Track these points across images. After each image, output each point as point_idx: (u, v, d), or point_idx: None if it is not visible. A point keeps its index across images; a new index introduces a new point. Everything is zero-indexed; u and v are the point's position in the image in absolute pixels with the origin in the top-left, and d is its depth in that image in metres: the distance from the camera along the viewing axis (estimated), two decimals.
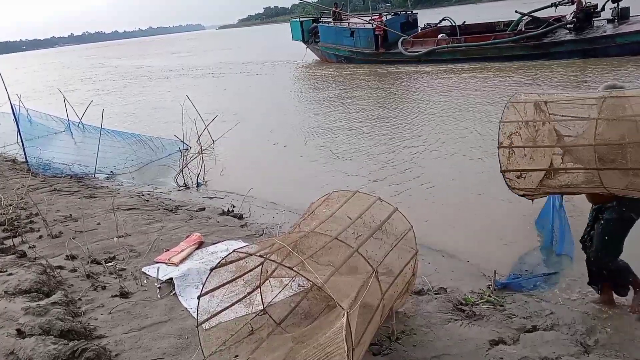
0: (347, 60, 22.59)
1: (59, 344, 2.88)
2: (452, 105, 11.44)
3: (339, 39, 22.63)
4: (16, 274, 3.93)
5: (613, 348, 2.99)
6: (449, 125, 9.64)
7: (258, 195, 6.83)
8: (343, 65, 22.47)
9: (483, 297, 3.62)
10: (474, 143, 8.11)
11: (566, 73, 13.91)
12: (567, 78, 13.23)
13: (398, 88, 15.56)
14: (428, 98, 12.77)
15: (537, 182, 3.45)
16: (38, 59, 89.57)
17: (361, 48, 21.54)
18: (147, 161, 9.30)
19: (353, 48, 21.96)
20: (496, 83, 13.61)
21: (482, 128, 8.88)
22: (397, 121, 10.68)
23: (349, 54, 22.36)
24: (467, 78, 15.16)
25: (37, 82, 31.88)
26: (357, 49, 21.77)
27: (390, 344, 3.00)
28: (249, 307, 3.06)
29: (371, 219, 3.10)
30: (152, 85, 23.99)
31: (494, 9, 25.41)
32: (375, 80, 17.88)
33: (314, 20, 24.88)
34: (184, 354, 3.01)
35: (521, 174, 3.44)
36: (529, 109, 3.44)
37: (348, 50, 22.31)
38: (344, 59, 22.86)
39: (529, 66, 15.45)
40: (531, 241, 4.73)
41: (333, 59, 23.57)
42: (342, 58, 22.96)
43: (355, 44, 21.75)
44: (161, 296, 3.80)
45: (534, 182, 3.45)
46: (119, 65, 42.46)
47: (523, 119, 3.40)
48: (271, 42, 45.17)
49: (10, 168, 9.06)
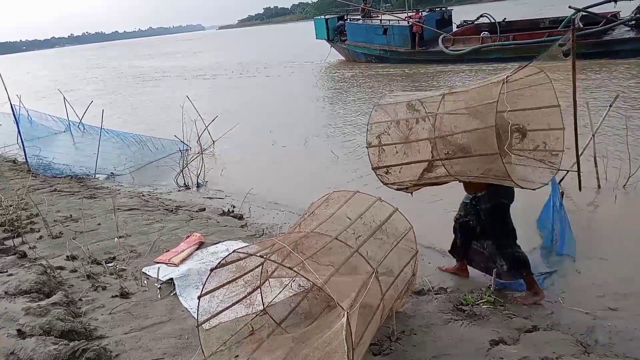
0: (378, 59, 21.21)
1: (60, 344, 2.88)
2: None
3: (369, 37, 21.18)
4: (16, 274, 3.93)
5: (613, 348, 2.99)
6: None
7: (258, 196, 6.84)
8: (373, 65, 21.13)
9: (483, 297, 3.62)
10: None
11: (638, 73, 12.84)
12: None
13: (443, 88, 14.62)
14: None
15: (418, 175, 3.65)
16: (38, 59, 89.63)
17: (395, 46, 20.19)
18: (147, 162, 9.30)
19: (386, 46, 20.57)
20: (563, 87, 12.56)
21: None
22: None
23: (380, 52, 20.96)
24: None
25: (37, 83, 31.90)
26: (390, 48, 20.41)
27: (391, 344, 3.00)
28: (249, 308, 3.06)
29: (371, 219, 3.10)
30: (153, 86, 24.00)
31: (496, 9, 25.12)
32: (411, 80, 16.63)
33: (340, 18, 23.50)
34: (184, 354, 3.01)
35: (387, 170, 3.67)
36: (401, 110, 3.63)
37: (380, 48, 20.87)
38: (374, 58, 21.47)
39: (590, 65, 13.99)
40: (531, 241, 4.72)
41: (362, 59, 22.21)
42: (372, 57, 21.57)
43: (388, 42, 20.37)
44: (161, 296, 3.80)
45: (416, 175, 3.65)
46: (118, 65, 42.49)
47: (393, 119, 3.61)
48: (284, 41, 44.46)
49: (11, 168, 9.06)
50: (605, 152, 6.16)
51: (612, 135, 7.45)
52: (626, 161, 5.87)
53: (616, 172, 5.77)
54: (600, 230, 4.87)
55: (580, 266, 4.15)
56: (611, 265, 4.16)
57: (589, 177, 5.87)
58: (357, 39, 21.92)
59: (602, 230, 4.86)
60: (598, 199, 5.58)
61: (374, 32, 21.00)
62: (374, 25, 21.22)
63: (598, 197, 5.60)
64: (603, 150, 6.17)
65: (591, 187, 5.77)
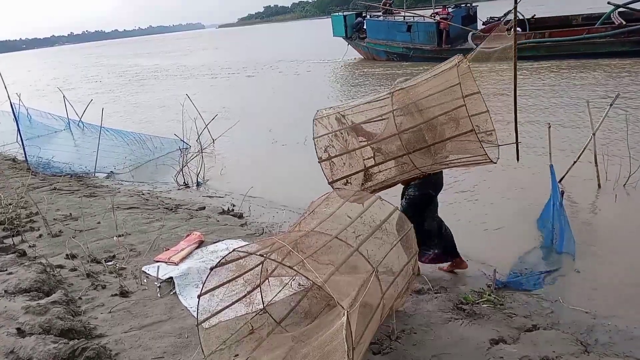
0: (401, 57, 20.22)
1: (59, 343, 2.88)
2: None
3: (391, 35, 20.28)
4: (16, 273, 3.93)
5: (613, 347, 2.99)
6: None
7: (258, 194, 6.83)
8: (394, 63, 20.18)
9: (483, 296, 3.62)
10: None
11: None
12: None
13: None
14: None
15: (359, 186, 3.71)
16: (38, 57, 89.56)
17: (419, 44, 19.30)
18: (147, 160, 9.30)
19: (409, 44, 19.64)
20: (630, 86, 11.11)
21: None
22: None
23: (403, 50, 20.00)
24: (567, 77, 13.11)
25: (36, 81, 31.89)
26: (414, 45, 19.45)
27: (391, 343, 3.00)
28: (249, 306, 3.06)
29: (371, 219, 3.09)
30: (153, 84, 23.99)
31: (509, 6, 24.59)
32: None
33: (358, 15, 22.59)
34: (184, 353, 3.01)
35: (347, 181, 3.69)
36: (333, 122, 3.70)
37: (403, 46, 19.93)
38: (396, 56, 20.47)
39: (636, 64, 13.49)
40: (531, 240, 4.73)
41: (382, 57, 21.21)
42: (394, 55, 20.55)
43: (412, 39, 19.46)
44: (161, 295, 3.80)
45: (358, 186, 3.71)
46: (118, 64, 42.46)
47: (331, 131, 3.67)
48: (294, 39, 43.86)
49: (10, 167, 9.05)
50: (605, 151, 6.17)
51: (613, 135, 7.45)
52: (627, 160, 5.87)
53: (616, 171, 5.77)
54: (601, 230, 4.87)
55: (580, 265, 4.15)
56: (611, 264, 4.16)
57: (589, 176, 5.87)
58: (378, 37, 21.02)
59: (603, 230, 4.86)
60: (598, 198, 5.58)
61: (396, 29, 20.15)
62: (396, 22, 20.42)
63: (598, 196, 5.60)
64: (604, 149, 6.18)
65: (591, 186, 5.77)
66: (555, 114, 9.59)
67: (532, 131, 8.38)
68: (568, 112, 9.54)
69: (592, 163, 5.75)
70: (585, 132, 7.36)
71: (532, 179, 6.22)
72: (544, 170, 5.18)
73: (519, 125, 5.87)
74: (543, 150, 6.82)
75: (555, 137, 5.75)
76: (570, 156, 6.21)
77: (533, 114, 9.70)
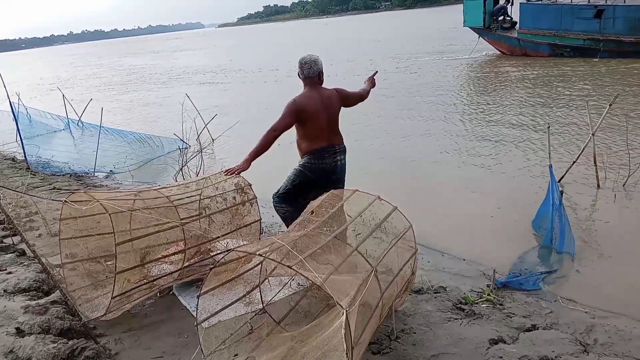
0: (578, 52, 16.11)
1: (59, 342, 2.87)
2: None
3: (565, 22, 16.11)
4: (15, 272, 3.92)
5: (612, 347, 2.99)
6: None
7: (257, 194, 6.81)
8: (563, 60, 16.05)
9: (482, 296, 3.62)
10: (474, 141, 8.11)
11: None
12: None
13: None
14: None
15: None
16: (37, 57, 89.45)
17: (615, 35, 15.05)
18: (147, 160, 9.28)
19: (598, 34, 15.37)
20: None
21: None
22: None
23: (586, 43, 15.75)
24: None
25: (36, 81, 31.84)
26: (605, 36, 15.24)
27: (390, 343, 3.00)
28: (248, 306, 3.06)
29: (371, 218, 3.09)
30: (153, 83, 23.96)
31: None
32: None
33: (497, 1, 18.81)
34: (183, 353, 3.01)
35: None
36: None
37: (586, 37, 15.72)
38: (569, 50, 16.38)
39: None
40: (531, 239, 4.73)
41: (544, 52, 17.01)
42: (566, 49, 16.42)
43: (601, 29, 15.29)
44: (161, 295, 3.80)
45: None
46: (118, 63, 42.41)
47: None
48: (347, 35, 41.03)
49: (10, 166, 9.03)
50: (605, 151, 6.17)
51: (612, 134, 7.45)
52: (626, 160, 5.87)
53: (616, 171, 5.77)
54: (600, 230, 4.87)
55: (579, 265, 4.15)
56: (611, 264, 4.16)
57: (589, 176, 5.87)
58: (540, 26, 16.85)
59: (602, 230, 4.86)
60: (598, 198, 5.58)
61: (575, 15, 15.92)
62: (577, 5, 16.04)
63: (598, 196, 5.60)
64: (604, 150, 6.18)
65: (591, 186, 5.77)
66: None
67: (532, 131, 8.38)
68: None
69: (592, 163, 5.75)
70: (581, 130, 7.37)
71: (532, 179, 6.22)
72: (544, 170, 5.18)
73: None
74: (543, 150, 6.83)
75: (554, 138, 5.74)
76: (570, 157, 6.21)
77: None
